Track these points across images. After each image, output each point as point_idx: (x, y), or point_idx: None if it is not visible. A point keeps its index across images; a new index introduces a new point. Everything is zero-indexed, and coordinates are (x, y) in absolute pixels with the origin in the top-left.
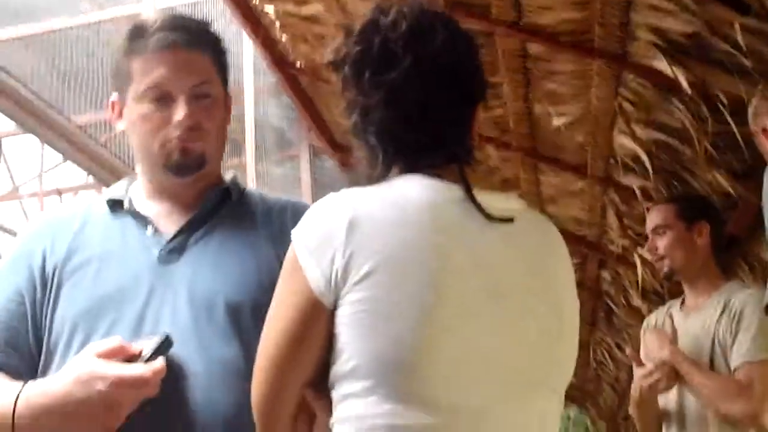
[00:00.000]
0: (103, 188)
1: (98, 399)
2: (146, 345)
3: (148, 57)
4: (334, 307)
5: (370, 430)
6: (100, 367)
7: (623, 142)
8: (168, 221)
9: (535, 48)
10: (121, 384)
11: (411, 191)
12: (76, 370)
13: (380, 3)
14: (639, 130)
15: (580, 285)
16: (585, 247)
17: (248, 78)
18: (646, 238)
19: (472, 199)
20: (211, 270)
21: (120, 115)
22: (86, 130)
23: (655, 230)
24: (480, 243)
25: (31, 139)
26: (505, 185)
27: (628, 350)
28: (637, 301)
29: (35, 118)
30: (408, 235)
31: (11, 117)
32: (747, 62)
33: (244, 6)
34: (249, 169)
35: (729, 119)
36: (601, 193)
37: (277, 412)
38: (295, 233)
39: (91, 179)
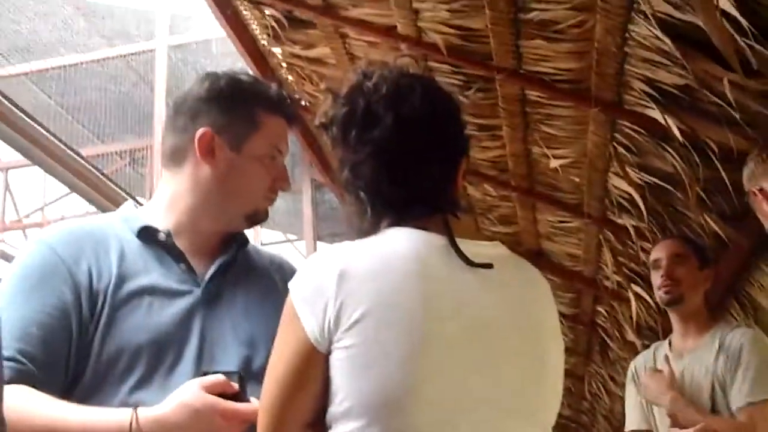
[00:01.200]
0: (122, 211)
1: (216, 431)
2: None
3: (277, 119)
4: (328, 352)
5: None
6: (218, 403)
7: (618, 184)
8: (196, 260)
9: (533, 93)
10: (235, 419)
11: (397, 243)
12: (191, 402)
13: (364, 68)
14: (633, 174)
15: (576, 319)
16: (580, 283)
17: None
18: (638, 275)
19: (455, 247)
20: (248, 315)
21: (211, 153)
22: (92, 162)
23: (674, 258)
24: (462, 288)
25: (36, 170)
26: (504, 221)
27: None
28: (631, 336)
29: (41, 151)
30: (394, 283)
31: (17, 149)
32: (735, 114)
33: (252, 46)
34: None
35: (719, 166)
36: (596, 232)
37: None
38: (291, 285)
39: (93, 209)
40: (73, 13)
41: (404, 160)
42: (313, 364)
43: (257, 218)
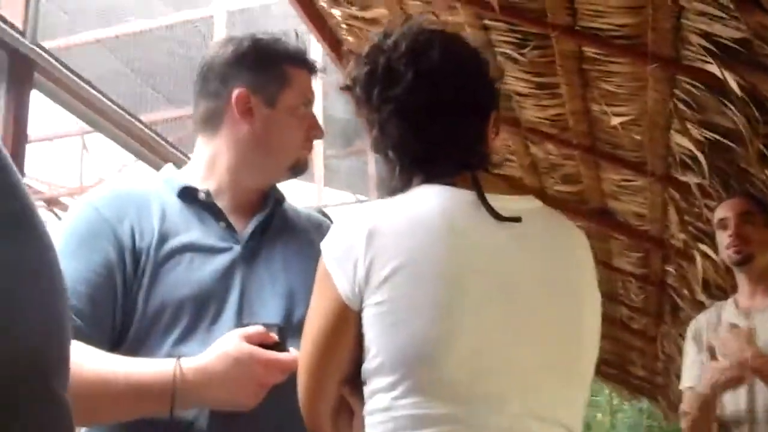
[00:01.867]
0: (164, 173)
1: (255, 380)
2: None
3: (306, 74)
4: (361, 310)
5: (395, 420)
6: (258, 353)
7: (679, 141)
8: (235, 217)
9: (590, 50)
10: (275, 368)
11: (425, 200)
12: (231, 352)
13: (385, 28)
14: (694, 130)
15: (645, 279)
16: (648, 242)
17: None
18: (704, 233)
19: (484, 202)
20: (286, 270)
21: (249, 111)
22: (158, 128)
23: (742, 216)
24: (493, 243)
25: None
26: (568, 181)
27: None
28: (701, 296)
29: (104, 119)
30: (423, 239)
31: (82, 118)
32: None
33: (311, 9)
34: (317, 163)
35: None
36: (661, 190)
37: (319, 407)
38: (323, 245)
39: None
40: None
41: (428, 116)
42: (347, 322)
43: (299, 168)
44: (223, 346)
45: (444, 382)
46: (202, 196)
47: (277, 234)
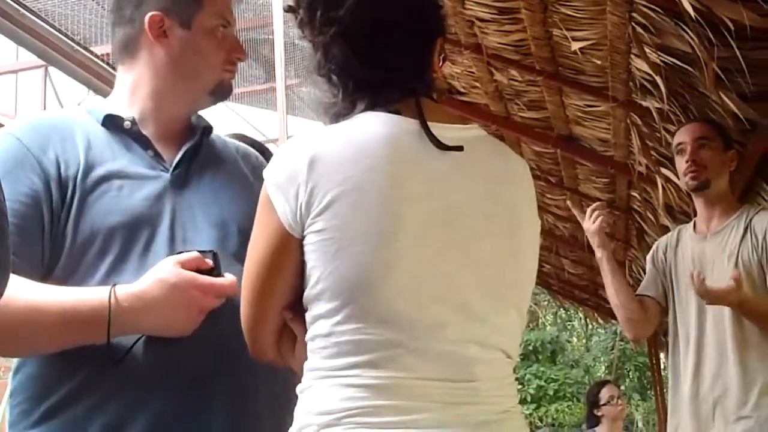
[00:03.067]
0: (87, 103)
1: (192, 305)
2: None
3: None
4: (302, 237)
5: (337, 346)
6: (195, 278)
7: (639, 65)
8: (162, 146)
9: None
10: (212, 292)
11: (368, 127)
12: (167, 277)
13: None
14: (652, 54)
15: (611, 204)
16: (613, 167)
17: (277, 1)
18: (666, 158)
19: (426, 131)
20: (217, 198)
21: (163, 34)
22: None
23: (698, 141)
24: (434, 171)
25: None
26: (533, 107)
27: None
28: (664, 220)
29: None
30: (365, 166)
31: (33, 51)
32: None
33: None
34: (279, 91)
35: (733, 44)
36: (623, 115)
37: (262, 333)
38: (266, 172)
39: None
40: None
41: (372, 40)
42: (288, 249)
43: (222, 92)
44: (159, 272)
45: (384, 308)
46: (127, 124)
47: (205, 163)
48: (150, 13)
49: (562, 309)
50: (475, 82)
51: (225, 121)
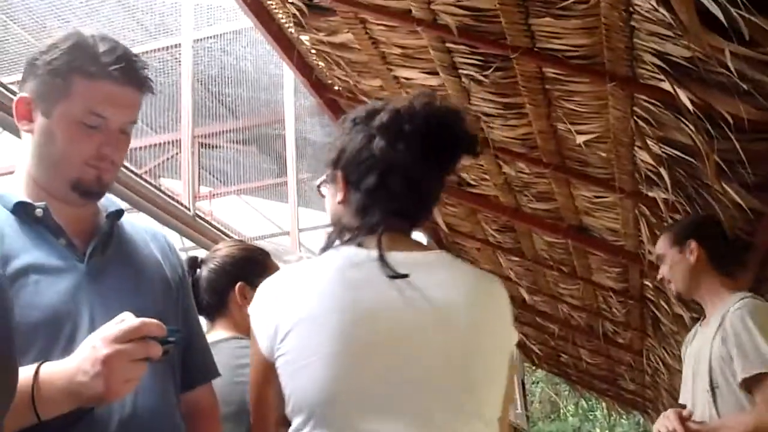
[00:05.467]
0: None
1: (96, 358)
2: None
3: (97, 83)
4: (275, 361)
5: None
6: (97, 334)
7: (643, 157)
8: (72, 232)
9: (551, 71)
10: (111, 340)
11: (328, 261)
12: (82, 345)
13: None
14: (654, 146)
15: (625, 294)
16: (625, 257)
17: (289, 98)
18: None
19: (381, 260)
20: (133, 285)
21: (29, 117)
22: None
23: (658, 259)
24: (382, 295)
25: None
26: (542, 198)
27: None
28: (678, 309)
29: None
30: (320, 296)
31: None
32: (743, 84)
33: (280, 35)
34: (290, 184)
35: (731, 137)
36: (631, 206)
37: None
38: (250, 309)
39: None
40: (115, 7)
41: (374, 192)
42: (269, 373)
43: (83, 188)
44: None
45: (340, 418)
46: (38, 212)
47: (118, 249)
48: (20, 95)
49: (582, 399)
50: (485, 175)
51: (241, 213)
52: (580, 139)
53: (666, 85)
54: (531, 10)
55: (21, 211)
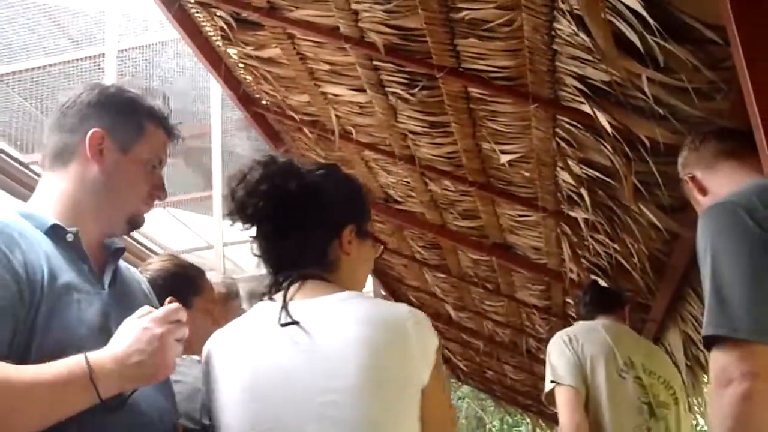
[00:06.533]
0: (15, 206)
1: (153, 335)
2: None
3: (162, 133)
4: None
5: None
6: (138, 319)
7: (565, 177)
8: (91, 262)
9: (475, 91)
10: (161, 320)
11: (248, 315)
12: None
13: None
14: (575, 167)
15: (548, 311)
16: (547, 275)
17: (216, 112)
18: (596, 265)
19: (281, 310)
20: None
21: (101, 153)
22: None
23: None
24: (273, 344)
25: None
26: (467, 216)
27: None
28: None
29: None
30: (228, 352)
31: None
32: (658, 109)
33: (207, 48)
34: (216, 198)
35: (648, 159)
36: (554, 225)
37: None
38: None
39: None
40: (38, 15)
41: (272, 241)
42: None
43: (136, 222)
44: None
45: None
46: (69, 236)
47: (122, 283)
48: (93, 129)
49: (507, 415)
50: (411, 192)
51: (166, 226)
52: (504, 158)
53: (586, 108)
54: (457, 31)
55: (53, 233)
